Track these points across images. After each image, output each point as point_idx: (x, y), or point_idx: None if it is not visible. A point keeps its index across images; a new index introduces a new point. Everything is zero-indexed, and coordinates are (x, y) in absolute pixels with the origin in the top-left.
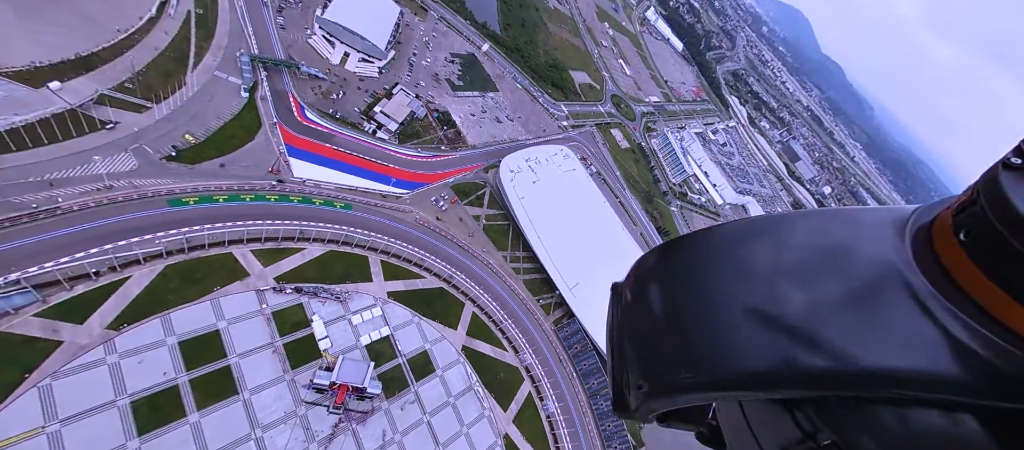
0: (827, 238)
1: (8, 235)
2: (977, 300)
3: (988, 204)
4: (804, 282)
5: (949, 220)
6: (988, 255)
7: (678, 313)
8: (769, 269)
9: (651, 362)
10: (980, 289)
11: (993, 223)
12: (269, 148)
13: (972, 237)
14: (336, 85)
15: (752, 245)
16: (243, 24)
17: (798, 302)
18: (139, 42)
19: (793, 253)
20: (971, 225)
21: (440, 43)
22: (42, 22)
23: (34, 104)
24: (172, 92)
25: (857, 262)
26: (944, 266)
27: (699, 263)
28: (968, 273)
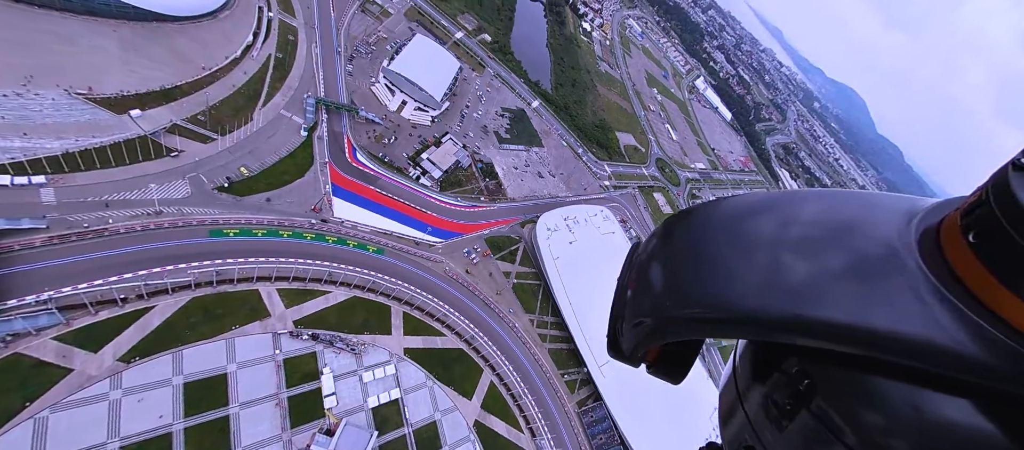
0: (841, 214)
1: (54, 252)
2: (985, 302)
3: (998, 205)
4: (814, 248)
5: (958, 221)
6: (997, 256)
7: (698, 253)
8: (784, 232)
9: (662, 297)
10: (988, 290)
11: (1003, 224)
12: (316, 187)
13: (981, 238)
14: (390, 130)
15: (773, 208)
16: (315, 69)
17: (805, 262)
18: (219, 79)
19: (806, 223)
20: (980, 226)
21: (492, 98)
22: (139, 55)
23: (113, 129)
24: (238, 126)
25: (866, 239)
26: (953, 268)
27: (724, 217)
28: (977, 275)
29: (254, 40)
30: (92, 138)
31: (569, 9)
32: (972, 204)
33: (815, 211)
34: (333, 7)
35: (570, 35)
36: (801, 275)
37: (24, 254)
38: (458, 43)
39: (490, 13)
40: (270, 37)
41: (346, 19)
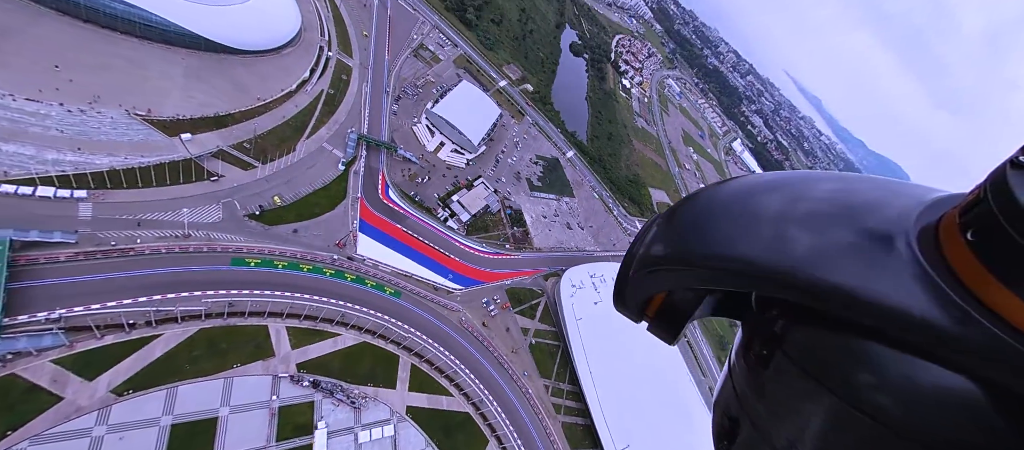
0: (853, 195)
1: (76, 269)
2: (983, 299)
3: (996, 203)
4: (819, 219)
5: (956, 220)
6: (995, 255)
7: (715, 211)
8: (795, 203)
9: (678, 243)
10: (986, 288)
11: (1001, 222)
12: (344, 221)
13: (979, 237)
14: (424, 170)
15: (789, 183)
16: (362, 106)
17: (808, 229)
18: (271, 110)
19: (817, 198)
20: (978, 225)
21: (529, 145)
22: (201, 83)
23: (162, 150)
24: (280, 156)
25: (867, 221)
26: (950, 266)
27: (743, 187)
28: (975, 272)
29: (310, 76)
30: (141, 157)
31: (610, 66)
32: (970, 202)
33: (829, 189)
34: (388, 50)
35: (609, 90)
36: (803, 239)
37: (47, 268)
38: (501, 91)
39: (534, 65)
40: (325, 74)
41: (399, 62)
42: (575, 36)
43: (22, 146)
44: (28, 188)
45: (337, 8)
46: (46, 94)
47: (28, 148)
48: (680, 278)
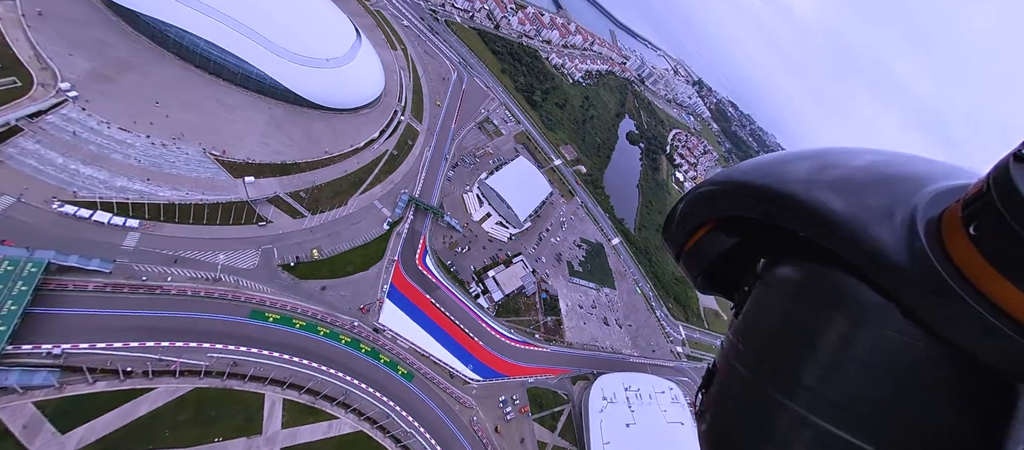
0: (887, 166)
1: (98, 300)
2: (985, 293)
3: (999, 197)
4: (850, 177)
5: (958, 213)
6: (998, 248)
7: (767, 158)
8: (842, 158)
9: (731, 171)
10: (989, 281)
11: (1004, 216)
12: (375, 284)
13: (982, 230)
14: (466, 239)
15: (832, 150)
16: (420, 169)
17: (838, 182)
18: (334, 164)
19: (852, 164)
20: (981, 218)
21: (574, 226)
22: (278, 132)
23: (224, 190)
24: (331, 208)
25: (883, 192)
26: (953, 259)
27: (798, 152)
28: (977, 266)
29: (379, 136)
30: (201, 194)
31: (665, 158)
32: (973, 196)
33: (867, 160)
34: (455, 120)
35: (662, 182)
36: (832, 184)
37: (72, 296)
38: (555, 169)
39: (590, 148)
40: (393, 136)
41: (463, 132)
42: (633, 126)
43: (99, 170)
44: (88, 211)
45: (419, 79)
46: (139, 126)
47: (103, 173)
48: (732, 202)
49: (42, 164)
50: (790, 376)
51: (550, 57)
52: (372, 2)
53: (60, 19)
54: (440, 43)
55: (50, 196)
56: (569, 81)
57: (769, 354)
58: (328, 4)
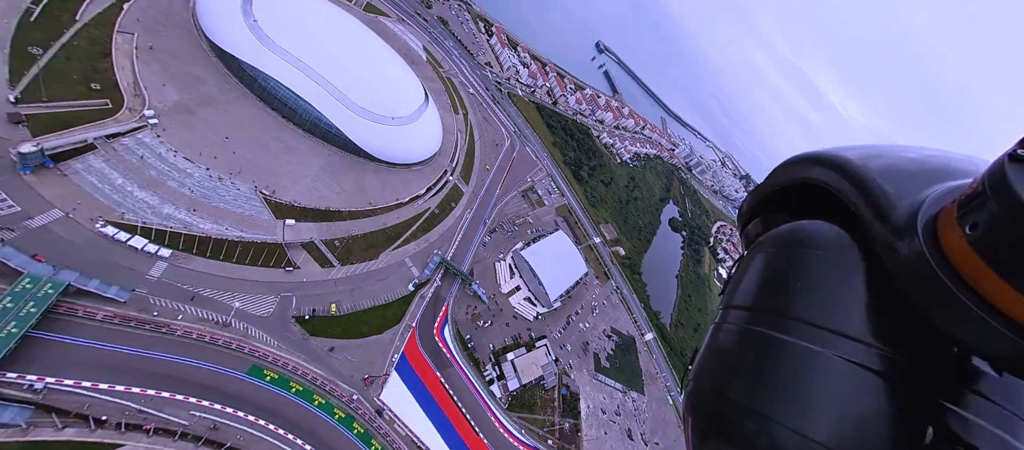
0: (927, 160)
1: (101, 332)
2: (980, 291)
3: (994, 197)
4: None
5: (954, 212)
6: (993, 247)
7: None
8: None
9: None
10: (985, 282)
11: (1000, 216)
12: (385, 352)
13: (977, 229)
14: (490, 312)
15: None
16: (458, 231)
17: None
18: (375, 216)
19: (904, 155)
20: (977, 218)
21: (606, 313)
22: (330, 178)
23: (262, 229)
24: (361, 261)
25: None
26: (948, 258)
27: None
28: (973, 266)
29: (425, 193)
30: (239, 231)
31: (708, 250)
32: (968, 195)
33: (928, 154)
34: (501, 185)
35: (703, 276)
36: (884, 166)
37: (78, 324)
38: (592, 247)
39: (631, 230)
40: (438, 194)
41: (507, 198)
42: (677, 212)
43: (151, 195)
44: (126, 235)
45: (473, 143)
46: (203, 157)
47: (155, 198)
48: (799, 169)
49: (101, 182)
50: (783, 311)
51: (601, 136)
52: (445, 69)
53: (167, 53)
54: (500, 112)
55: (97, 215)
56: (617, 160)
57: (763, 296)
58: (405, 68)
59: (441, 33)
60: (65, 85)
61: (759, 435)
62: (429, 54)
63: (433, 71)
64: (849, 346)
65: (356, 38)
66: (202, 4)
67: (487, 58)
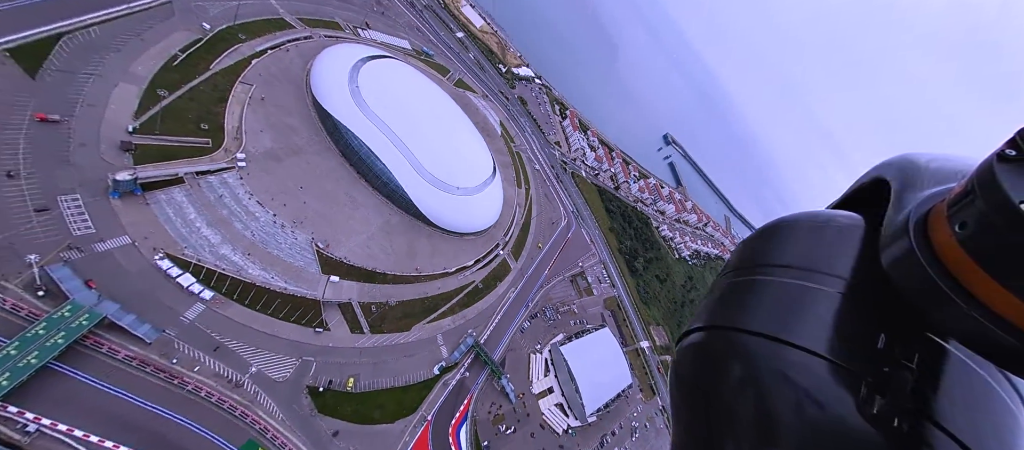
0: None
1: (114, 374)
2: (971, 291)
3: (983, 197)
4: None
5: (944, 212)
6: (983, 247)
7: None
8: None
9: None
10: (974, 280)
11: (990, 215)
12: (392, 447)
13: (967, 229)
14: (515, 416)
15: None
16: (497, 311)
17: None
18: (418, 283)
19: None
20: (966, 216)
21: (647, 440)
22: (385, 239)
23: (305, 283)
24: (392, 331)
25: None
26: (939, 257)
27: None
28: (962, 264)
29: (473, 264)
30: (283, 282)
31: None
32: (958, 195)
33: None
34: (551, 267)
35: None
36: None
37: (98, 360)
38: (639, 352)
39: None
40: (485, 268)
41: (554, 281)
42: None
43: (215, 233)
44: (178, 271)
45: (530, 219)
46: (274, 203)
47: (217, 237)
48: (886, 169)
49: (176, 215)
50: (776, 260)
51: (661, 227)
52: (516, 144)
53: (274, 105)
54: (561, 190)
55: (161, 246)
56: (675, 256)
57: (766, 253)
58: (480, 141)
59: (519, 111)
60: (179, 122)
61: (766, 355)
62: (504, 129)
63: (505, 145)
64: (834, 281)
65: (440, 109)
66: (317, 65)
67: (557, 138)
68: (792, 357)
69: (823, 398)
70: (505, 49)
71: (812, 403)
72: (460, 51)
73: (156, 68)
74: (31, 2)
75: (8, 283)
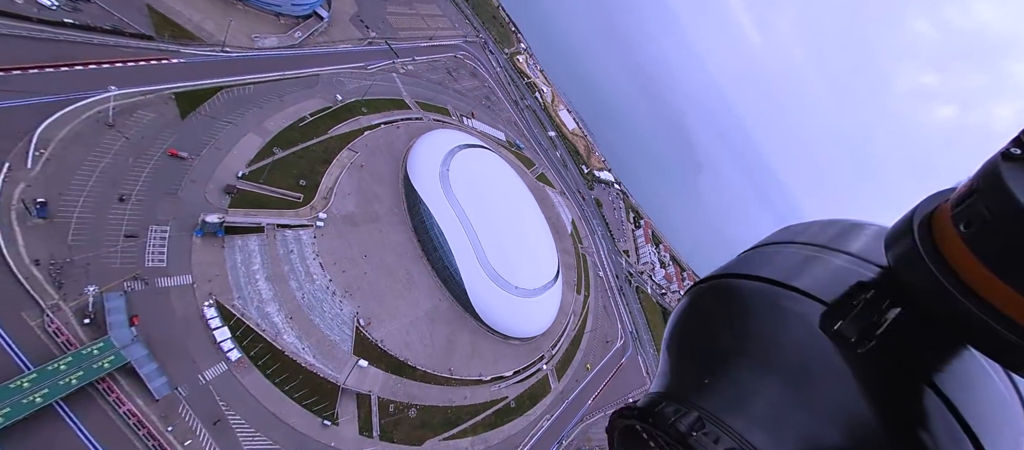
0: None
1: (109, 433)
2: (976, 290)
3: (988, 195)
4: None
5: (948, 212)
6: (987, 245)
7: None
8: None
9: None
10: (979, 279)
11: (993, 215)
12: None
13: (972, 228)
14: None
15: None
16: (525, 440)
17: None
18: (448, 386)
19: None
20: (971, 216)
21: None
22: (427, 327)
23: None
24: (403, 443)
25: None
26: (944, 256)
27: None
28: (967, 263)
29: (511, 376)
30: (309, 357)
31: None
32: (962, 194)
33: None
34: (596, 397)
35: None
36: None
37: (97, 409)
38: None
39: None
40: (525, 382)
41: (598, 416)
42: None
43: (269, 288)
44: (219, 323)
45: (583, 332)
46: (334, 268)
47: (269, 293)
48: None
49: (243, 263)
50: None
51: None
52: (584, 246)
53: (369, 173)
54: (622, 305)
55: (215, 292)
56: None
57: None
58: (549, 240)
59: (593, 212)
60: (283, 175)
61: (768, 293)
62: (575, 228)
63: (573, 245)
64: (842, 256)
65: (518, 204)
66: (417, 144)
67: (627, 246)
68: (788, 296)
69: (803, 321)
70: (591, 152)
71: (794, 324)
72: (548, 148)
73: (284, 126)
74: (213, 59)
75: (65, 303)
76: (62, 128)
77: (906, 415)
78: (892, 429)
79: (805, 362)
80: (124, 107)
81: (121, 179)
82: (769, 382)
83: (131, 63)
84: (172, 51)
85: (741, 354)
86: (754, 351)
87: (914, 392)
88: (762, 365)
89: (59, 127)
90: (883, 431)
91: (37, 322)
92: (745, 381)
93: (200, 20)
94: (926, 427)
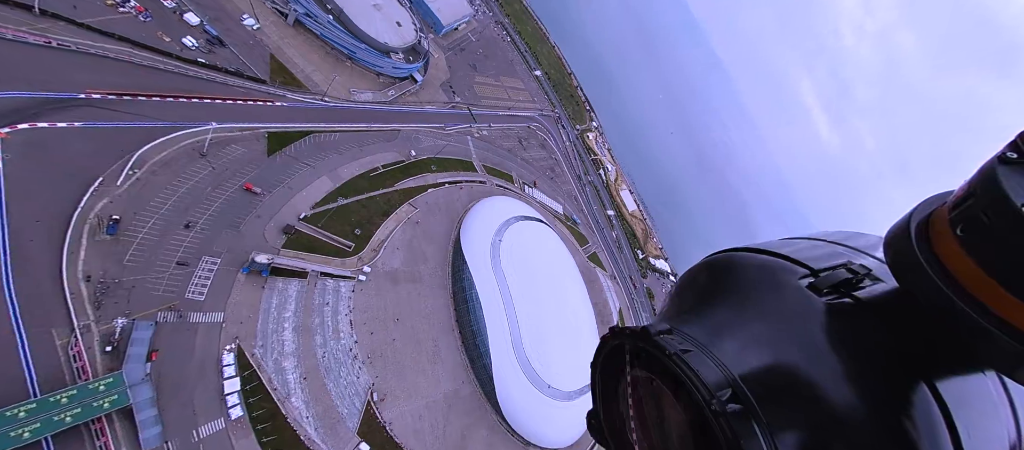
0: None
1: None
2: (974, 294)
3: (985, 198)
4: None
5: (945, 216)
6: (985, 250)
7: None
8: None
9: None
10: (975, 282)
11: (991, 219)
12: None
13: (969, 232)
14: None
15: None
16: None
17: None
18: None
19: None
20: (968, 220)
21: None
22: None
23: (332, 438)
24: None
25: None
26: (940, 259)
27: None
28: (963, 266)
29: None
30: (312, 430)
31: None
32: (960, 198)
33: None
34: None
35: None
36: None
37: None
38: None
39: None
40: None
41: None
42: None
43: (293, 340)
44: (232, 372)
45: None
46: (363, 328)
47: (290, 345)
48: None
49: (276, 307)
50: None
51: None
52: None
53: (423, 231)
54: None
55: (241, 337)
56: None
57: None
58: (594, 336)
59: (643, 303)
60: (341, 222)
61: (769, 263)
62: (621, 318)
63: None
64: (846, 250)
65: (564, 287)
66: (475, 208)
67: None
68: (785, 266)
69: (791, 281)
70: (648, 237)
71: (784, 283)
72: (605, 226)
73: (356, 173)
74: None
75: (96, 326)
76: (160, 152)
77: (888, 397)
78: (872, 401)
79: (782, 308)
80: (220, 139)
81: (194, 207)
82: (748, 318)
83: (239, 101)
84: (278, 95)
85: (726, 301)
86: (739, 301)
87: (895, 370)
88: (741, 306)
89: (158, 151)
90: (844, 377)
91: (63, 342)
92: (725, 318)
93: (311, 71)
94: (907, 411)
